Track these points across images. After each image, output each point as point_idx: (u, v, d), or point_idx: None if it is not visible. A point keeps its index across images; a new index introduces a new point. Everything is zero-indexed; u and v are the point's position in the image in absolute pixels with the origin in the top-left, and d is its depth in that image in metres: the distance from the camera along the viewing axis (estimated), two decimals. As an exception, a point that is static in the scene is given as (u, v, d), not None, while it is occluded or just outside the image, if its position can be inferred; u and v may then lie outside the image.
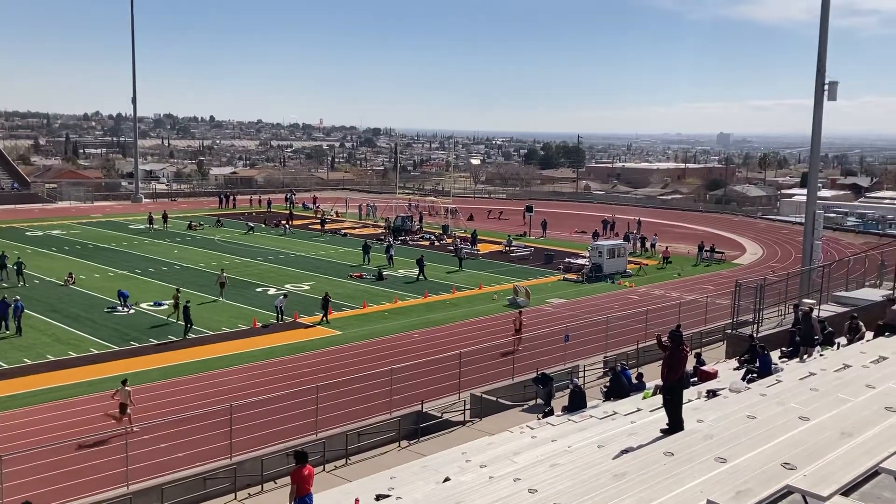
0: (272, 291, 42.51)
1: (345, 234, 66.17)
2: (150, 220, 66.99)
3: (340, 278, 47.26)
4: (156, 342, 33.11)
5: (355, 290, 44.26)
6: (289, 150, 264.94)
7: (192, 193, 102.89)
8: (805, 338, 20.96)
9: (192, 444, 22.20)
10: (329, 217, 74.84)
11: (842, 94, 34.31)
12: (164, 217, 67.40)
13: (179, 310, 34.80)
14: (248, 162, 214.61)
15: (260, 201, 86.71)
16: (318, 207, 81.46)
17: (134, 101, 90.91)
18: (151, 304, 39.35)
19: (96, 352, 31.62)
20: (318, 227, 69.06)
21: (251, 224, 68.45)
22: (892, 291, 30.24)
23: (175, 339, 33.57)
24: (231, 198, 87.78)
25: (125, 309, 38.16)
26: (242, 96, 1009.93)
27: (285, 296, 38.80)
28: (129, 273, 47.42)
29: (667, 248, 58.16)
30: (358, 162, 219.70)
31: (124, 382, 23.86)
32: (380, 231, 67.14)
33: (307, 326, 36.43)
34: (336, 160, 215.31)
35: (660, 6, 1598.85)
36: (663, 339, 13.10)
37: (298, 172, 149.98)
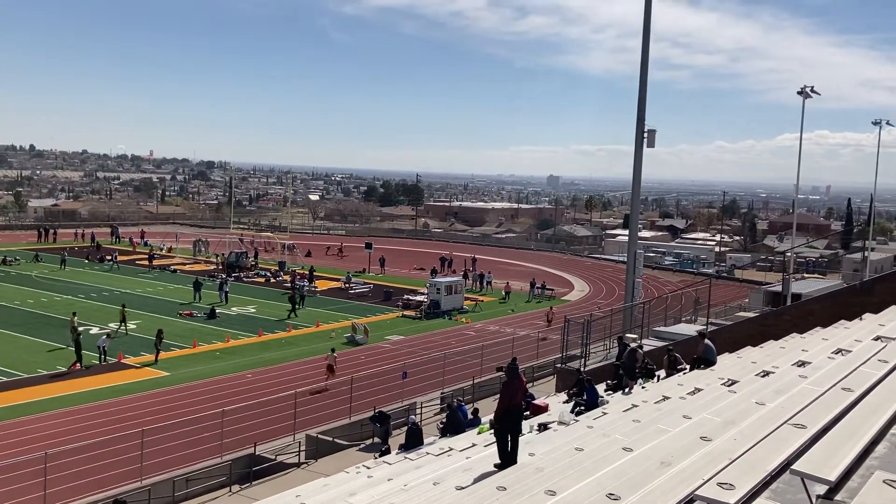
0: (94, 331, 40.01)
1: (175, 271, 63.53)
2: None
3: (169, 316, 45.18)
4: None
5: (185, 328, 42.47)
6: (116, 182, 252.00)
7: (7, 226, 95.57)
8: (628, 370, 22.06)
9: (2, 498, 20.39)
10: (158, 252, 71.67)
11: (659, 142, 36.61)
12: (-27, 252, 62.14)
13: None
14: (71, 194, 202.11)
15: (84, 235, 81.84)
16: (146, 242, 77.89)
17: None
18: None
19: None
20: (146, 262, 65.95)
21: (65, 257, 64.00)
22: (704, 327, 32.39)
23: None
24: (51, 231, 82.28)
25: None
26: (66, 125, 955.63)
27: (109, 335, 36.65)
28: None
29: (507, 283, 59.97)
30: (190, 196, 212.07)
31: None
32: (212, 267, 64.95)
33: (133, 367, 34.54)
34: (167, 193, 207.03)
35: (492, 53, 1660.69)
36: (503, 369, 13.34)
37: (126, 205, 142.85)
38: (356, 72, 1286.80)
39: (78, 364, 33.97)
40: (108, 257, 66.82)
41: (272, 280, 60.81)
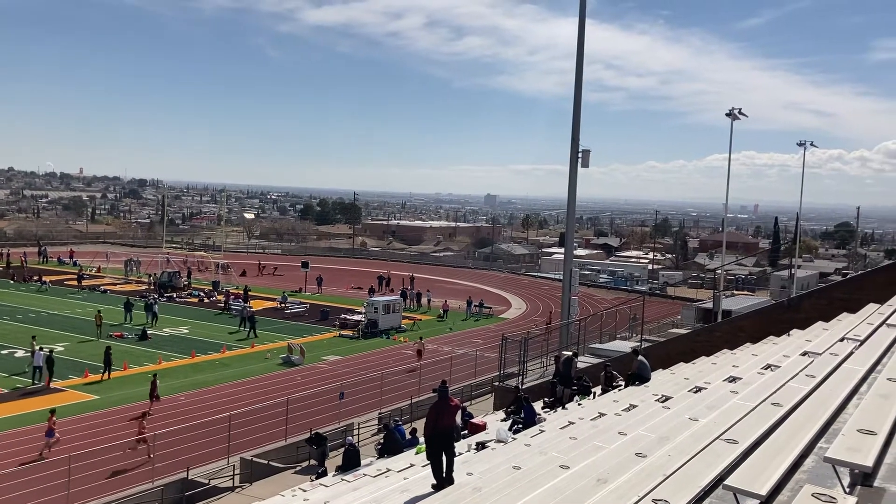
0: (20, 354, 38.61)
1: (105, 291, 61.84)
2: None
3: (99, 338, 43.89)
4: None
5: (116, 350, 41.17)
6: (44, 200, 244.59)
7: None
8: (564, 378, 22.30)
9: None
10: (87, 272, 69.68)
11: (594, 162, 37.13)
12: None
13: None
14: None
15: (9, 255, 79.06)
16: (75, 262, 75.71)
17: None
18: None
19: None
20: (75, 283, 64.05)
21: None
22: (639, 343, 32.92)
23: None
24: (-25, 252, 79.25)
25: None
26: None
27: (51, 351, 35.65)
28: None
29: (445, 301, 60.01)
30: (122, 214, 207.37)
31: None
32: (143, 287, 63.42)
33: (59, 391, 33.42)
34: (97, 212, 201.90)
35: (429, 73, 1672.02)
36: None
37: (54, 224, 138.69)
38: (292, 90, 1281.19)
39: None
40: (35, 278, 64.74)
41: (206, 300, 59.70)
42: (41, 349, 35.57)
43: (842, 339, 14.00)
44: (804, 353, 13.65)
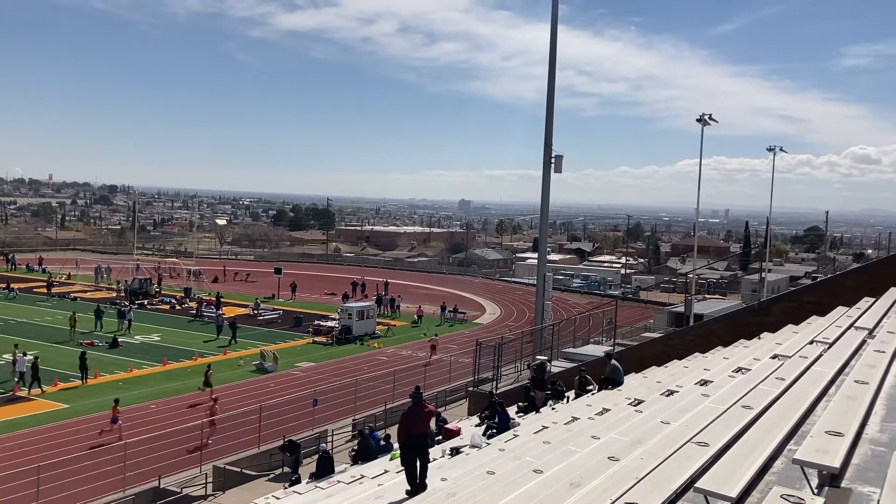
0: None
1: (75, 298, 61.09)
2: None
3: (69, 346, 43.33)
4: None
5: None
6: (12, 206, 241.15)
7: None
8: (537, 382, 22.38)
9: None
10: (57, 279, 68.78)
11: (566, 167, 37.38)
12: None
13: None
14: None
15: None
16: (44, 269, 74.74)
17: None
18: None
19: None
20: (45, 290, 63.19)
21: None
22: (612, 348, 33.09)
23: None
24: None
25: None
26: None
27: (37, 358, 35.21)
28: None
29: (419, 307, 59.93)
30: (92, 221, 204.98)
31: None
32: (114, 295, 62.70)
33: (29, 400, 32.95)
34: (67, 218, 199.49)
35: (403, 78, 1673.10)
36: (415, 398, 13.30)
37: (23, 231, 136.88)
38: (265, 95, 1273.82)
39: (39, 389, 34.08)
40: (3, 285, 63.81)
41: (177, 307, 59.17)
42: (24, 355, 35.39)
43: (811, 342, 14.17)
44: (774, 356, 13.79)
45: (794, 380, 10.76)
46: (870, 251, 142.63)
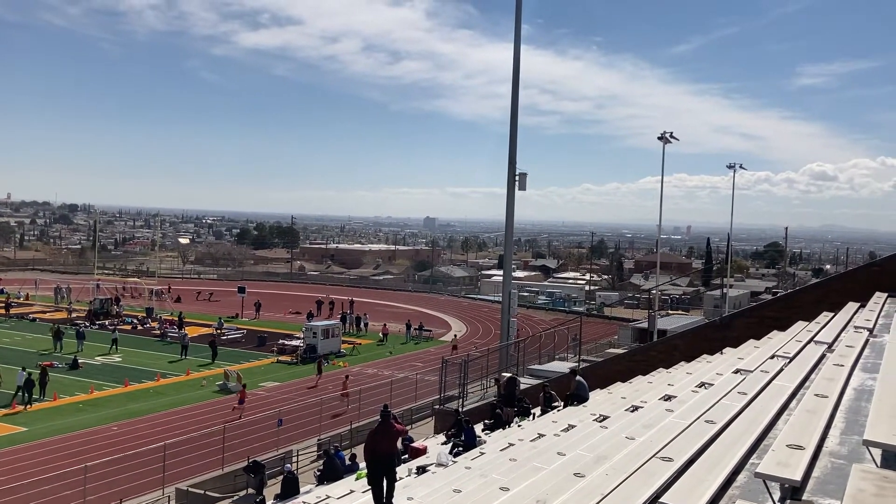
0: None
1: (34, 319, 59.93)
2: None
3: (28, 368, 42.33)
4: None
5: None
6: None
7: None
8: (507, 398, 22.37)
9: None
10: (15, 300, 67.43)
11: (530, 185, 37.67)
12: None
13: None
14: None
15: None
16: (2, 290, 73.22)
17: None
18: None
19: None
20: (3, 311, 61.90)
21: None
22: (577, 364, 33.24)
23: None
24: None
25: None
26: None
27: (30, 374, 35.70)
28: None
29: (385, 325, 59.68)
30: (51, 240, 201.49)
31: None
32: (75, 315, 61.57)
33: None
34: (26, 238, 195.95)
35: (366, 96, 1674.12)
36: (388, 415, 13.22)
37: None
38: (227, 113, 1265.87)
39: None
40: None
41: (139, 327, 58.28)
42: (23, 369, 35.81)
43: (772, 357, 14.37)
44: (736, 371, 13.96)
45: (755, 394, 10.89)
46: (828, 266, 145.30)
